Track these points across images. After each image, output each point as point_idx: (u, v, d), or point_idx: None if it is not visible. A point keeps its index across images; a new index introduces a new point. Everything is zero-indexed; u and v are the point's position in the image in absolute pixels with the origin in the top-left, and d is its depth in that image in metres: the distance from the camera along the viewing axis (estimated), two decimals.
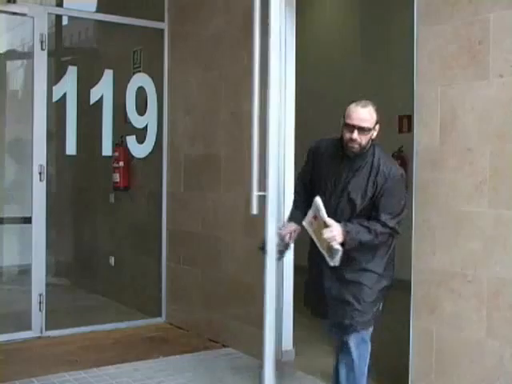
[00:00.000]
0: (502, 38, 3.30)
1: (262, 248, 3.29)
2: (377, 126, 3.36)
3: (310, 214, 3.37)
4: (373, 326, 3.48)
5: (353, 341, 3.44)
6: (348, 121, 3.31)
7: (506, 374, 3.29)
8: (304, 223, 3.42)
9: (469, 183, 3.44)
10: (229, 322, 5.08)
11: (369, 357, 3.49)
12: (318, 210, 3.29)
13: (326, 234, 3.24)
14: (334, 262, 3.27)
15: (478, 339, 3.41)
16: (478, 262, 3.41)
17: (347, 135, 3.32)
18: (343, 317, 3.41)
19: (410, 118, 6.25)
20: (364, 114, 3.30)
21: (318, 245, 3.37)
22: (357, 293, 3.38)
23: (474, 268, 3.42)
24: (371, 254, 3.40)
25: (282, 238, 3.45)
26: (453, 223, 3.53)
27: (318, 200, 3.31)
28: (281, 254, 3.48)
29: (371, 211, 3.36)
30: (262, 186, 3.26)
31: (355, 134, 3.29)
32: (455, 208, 3.52)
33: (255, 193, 3.24)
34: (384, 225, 3.31)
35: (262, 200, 3.25)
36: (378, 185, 3.33)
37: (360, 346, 3.45)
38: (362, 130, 3.29)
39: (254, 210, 3.25)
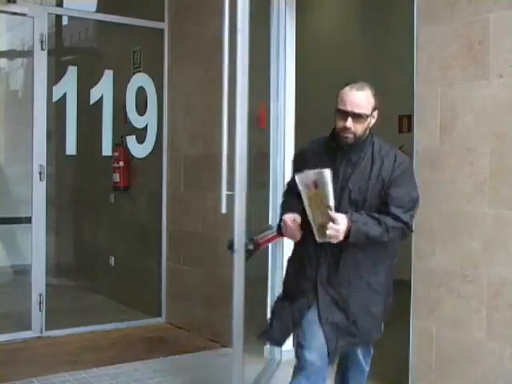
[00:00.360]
0: (502, 38, 3.30)
1: (231, 247, 3.18)
2: (375, 113, 2.92)
3: (311, 176, 2.83)
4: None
5: (361, 352, 3.21)
6: (341, 106, 2.85)
7: (505, 374, 3.29)
8: (297, 178, 2.87)
9: (469, 183, 3.44)
10: (229, 322, 5.05)
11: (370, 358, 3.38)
12: (322, 182, 2.78)
13: (331, 231, 2.76)
14: (322, 239, 2.87)
15: (477, 339, 3.41)
16: (478, 261, 3.41)
17: (340, 123, 2.86)
18: (339, 338, 2.96)
19: (410, 118, 6.24)
20: (360, 99, 2.84)
21: (309, 214, 2.89)
22: (353, 318, 2.95)
23: (474, 268, 3.42)
24: (376, 266, 2.97)
25: (291, 227, 2.99)
26: (453, 223, 3.53)
27: (327, 172, 2.76)
28: (249, 253, 3.35)
29: (380, 208, 2.89)
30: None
31: (349, 122, 2.83)
32: (455, 208, 3.51)
33: (224, 192, 3.21)
34: (396, 218, 2.84)
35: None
36: (385, 177, 2.88)
37: (366, 355, 3.27)
38: (357, 116, 2.83)
39: (223, 209, 3.22)
